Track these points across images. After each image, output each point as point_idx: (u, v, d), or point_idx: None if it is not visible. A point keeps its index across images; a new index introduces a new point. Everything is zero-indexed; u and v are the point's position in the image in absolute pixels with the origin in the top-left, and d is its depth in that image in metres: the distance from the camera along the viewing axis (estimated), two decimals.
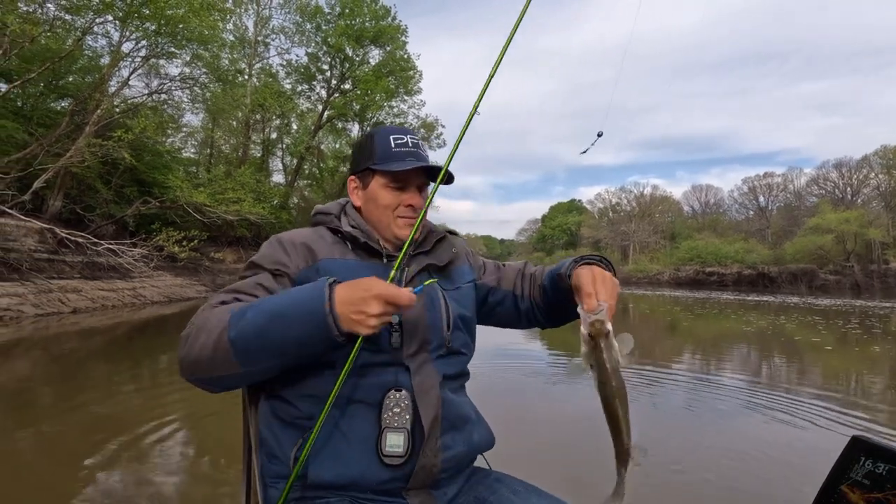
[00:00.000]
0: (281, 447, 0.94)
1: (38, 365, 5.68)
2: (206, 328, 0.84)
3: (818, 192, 49.02)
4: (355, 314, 0.78)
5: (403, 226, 1.05)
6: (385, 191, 1.05)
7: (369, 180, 1.07)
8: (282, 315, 0.80)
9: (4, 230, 10.88)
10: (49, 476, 2.74)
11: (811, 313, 14.99)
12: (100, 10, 12.44)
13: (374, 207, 1.06)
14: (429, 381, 0.96)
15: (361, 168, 1.09)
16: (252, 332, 0.80)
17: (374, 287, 0.79)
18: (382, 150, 1.05)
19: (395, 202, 1.05)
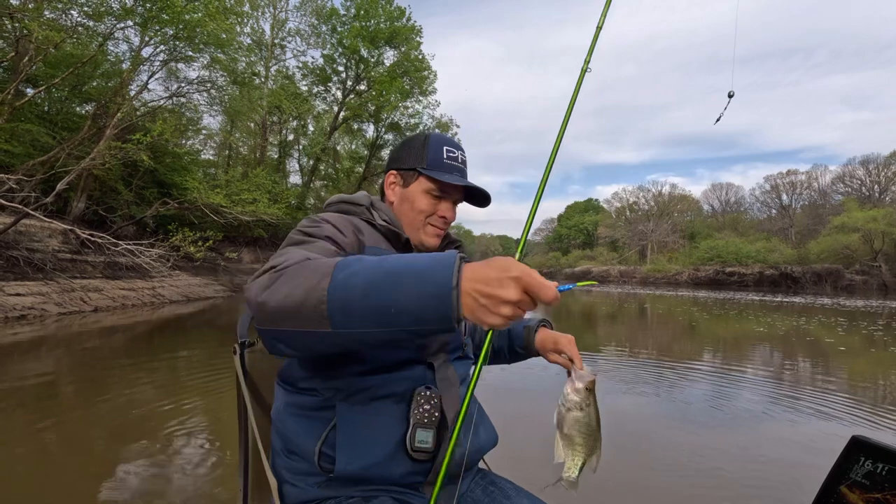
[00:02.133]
0: (302, 442, 0.93)
1: (61, 362, 5.83)
2: (301, 272, 0.71)
3: (844, 189, 47.75)
4: (485, 297, 0.63)
5: (431, 234, 1.08)
6: (425, 196, 1.07)
7: (412, 181, 1.08)
8: (398, 275, 0.66)
9: (29, 231, 11.23)
10: (72, 469, 2.82)
11: (836, 314, 14.58)
12: (121, 16, 12.73)
13: (408, 208, 1.08)
14: (450, 380, 0.99)
15: (407, 167, 1.09)
16: (359, 286, 0.66)
17: (512, 267, 0.63)
18: (434, 158, 1.06)
19: (431, 210, 1.07)
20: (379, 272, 0.67)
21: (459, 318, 0.64)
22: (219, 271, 18.60)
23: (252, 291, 0.74)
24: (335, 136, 29.66)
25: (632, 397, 4.66)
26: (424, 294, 0.64)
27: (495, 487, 1.04)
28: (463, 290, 0.63)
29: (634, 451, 3.23)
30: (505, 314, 0.62)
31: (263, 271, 0.76)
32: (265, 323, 0.73)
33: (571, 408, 0.97)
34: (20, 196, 9.74)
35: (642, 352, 7.41)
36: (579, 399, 0.97)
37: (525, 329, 1.23)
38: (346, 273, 0.68)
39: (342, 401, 0.92)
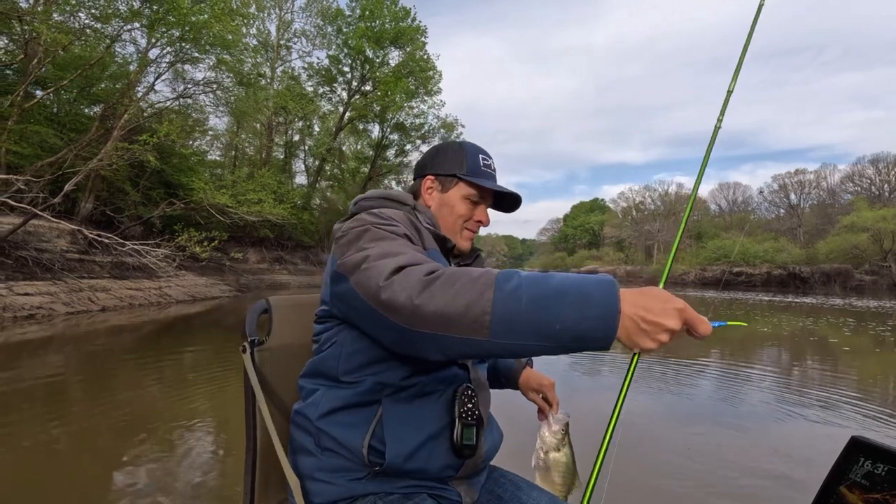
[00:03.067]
0: (346, 437, 0.92)
1: (70, 361, 5.89)
2: (459, 280, 0.72)
3: (853, 189, 47.29)
4: (648, 324, 0.68)
5: (467, 238, 1.14)
6: (464, 201, 1.12)
7: (450, 186, 1.13)
8: (565, 293, 0.68)
9: (38, 232, 11.34)
10: (80, 466, 2.87)
11: (845, 315, 14.44)
12: (128, 18, 12.83)
13: (447, 213, 1.12)
14: (481, 380, 1.05)
15: (446, 172, 1.13)
16: (526, 299, 0.68)
17: (674, 299, 0.70)
18: (472, 165, 1.12)
19: (469, 214, 1.12)
20: (546, 289, 0.69)
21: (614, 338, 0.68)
22: (225, 271, 18.70)
23: (401, 294, 0.74)
24: (341, 137, 29.75)
25: (634, 395, 4.63)
26: (589, 315, 0.67)
27: (506, 480, 1.11)
28: (624, 313, 0.67)
29: (635, 450, 3.22)
30: (662, 340, 0.69)
31: (397, 268, 0.77)
32: (415, 324, 0.73)
33: (549, 449, 1.03)
34: (29, 197, 9.84)
35: (652, 354, 7.35)
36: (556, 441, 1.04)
37: (516, 365, 1.33)
38: (512, 286, 0.70)
39: (388, 396, 0.93)
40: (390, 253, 0.83)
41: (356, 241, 0.90)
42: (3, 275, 9.44)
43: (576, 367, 6.22)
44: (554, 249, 78.66)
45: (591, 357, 6.81)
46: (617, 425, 0.89)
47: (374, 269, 0.79)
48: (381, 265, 0.79)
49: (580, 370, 6.06)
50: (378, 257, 0.82)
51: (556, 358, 6.88)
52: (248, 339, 1.15)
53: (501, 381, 1.35)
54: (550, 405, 1.16)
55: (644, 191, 62.29)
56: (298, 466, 0.97)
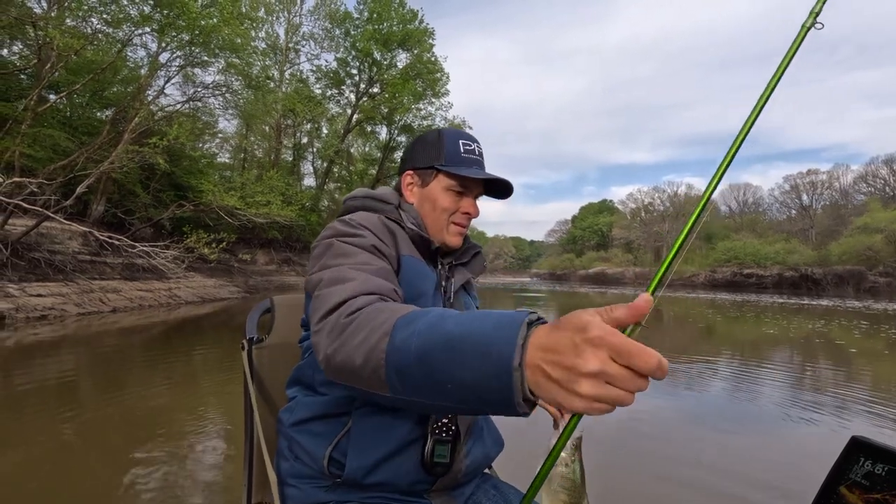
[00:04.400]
0: (311, 446, 0.92)
1: (81, 361, 5.96)
2: (371, 325, 0.65)
3: (867, 189, 46.68)
4: (558, 370, 0.47)
5: (455, 233, 1.05)
6: (446, 194, 1.03)
7: (430, 179, 1.05)
8: (455, 342, 0.55)
9: (50, 233, 11.50)
10: (91, 464, 2.89)
11: (858, 317, 14.22)
12: (139, 23, 13.01)
13: (430, 208, 1.04)
14: None
15: (424, 165, 1.05)
16: (415, 350, 0.57)
17: (591, 325, 0.46)
18: (451, 153, 1.03)
19: (454, 207, 1.03)
20: (437, 336, 0.56)
21: (530, 400, 0.51)
22: (233, 273, 18.85)
23: (323, 340, 0.70)
24: (348, 139, 29.91)
25: (641, 396, 4.60)
26: (484, 373, 0.51)
27: (497, 492, 1.04)
28: (530, 364, 0.49)
29: (638, 452, 3.20)
30: (586, 393, 0.45)
31: (330, 309, 0.72)
32: (332, 375, 0.69)
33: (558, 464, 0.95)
34: (42, 199, 9.99)
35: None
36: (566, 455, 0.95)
37: None
38: (405, 334, 0.59)
39: (358, 409, 0.91)
40: (340, 279, 0.78)
41: (319, 258, 0.88)
42: (16, 276, 9.59)
43: None
44: (562, 251, 78.35)
45: None
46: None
47: (320, 300, 0.76)
48: (326, 298, 0.75)
49: None
50: (328, 284, 0.78)
51: None
52: (246, 337, 1.15)
53: None
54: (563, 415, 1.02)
55: (653, 192, 61.98)
56: (279, 469, 1.00)
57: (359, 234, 0.90)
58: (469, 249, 1.13)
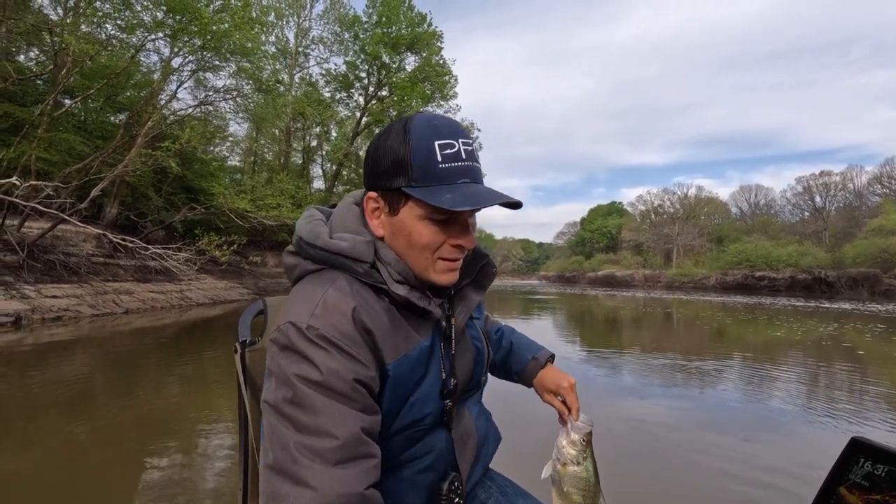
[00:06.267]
0: None
1: (95, 362, 6.05)
2: None
3: (881, 191, 45.92)
4: None
5: (444, 271, 0.77)
6: (423, 225, 0.74)
7: (400, 205, 0.75)
8: None
9: (65, 236, 11.69)
10: (103, 464, 2.94)
11: (875, 321, 14.00)
12: (152, 29, 13.21)
13: (405, 244, 0.76)
14: (467, 430, 0.91)
15: (388, 186, 0.75)
16: None
17: None
18: (423, 164, 0.71)
19: (437, 241, 0.75)
20: None
21: None
22: (244, 275, 19.01)
23: None
24: (358, 142, 30.03)
25: (648, 398, 4.57)
26: None
27: (493, 483, 1.02)
28: None
29: (640, 454, 3.18)
30: None
31: None
32: None
33: (567, 462, 0.90)
34: (57, 202, 10.16)
35: (665, 356, 7.25)
36: (576, 452, 0.90)
37: (532, 361, 1.09)
38: None
39: None
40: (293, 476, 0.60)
41: (275, 382, 0.67)
42: (32, 277, 9.75)
43: (594, 365, 6.15)
44: (571, 253, 78.00)
45: (606, 356, 6.73)
46: None
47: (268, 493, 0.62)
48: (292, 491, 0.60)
49: (600, 371, 6.00)
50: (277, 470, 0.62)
51: (570, 355, 6.83)
52: (239, 340, 1.16)
53: (514, 378, 1.15)
54: (570, 410, 0.96)
55: (663, 194, 61.47)
56: None
57: (326, 367, 0.65)
58: (473, 263, 0.90)
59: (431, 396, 0.79)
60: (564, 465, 0.89)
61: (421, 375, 0.78)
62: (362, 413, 0.67)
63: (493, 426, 1.05)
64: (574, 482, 0.89)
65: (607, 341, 9.29)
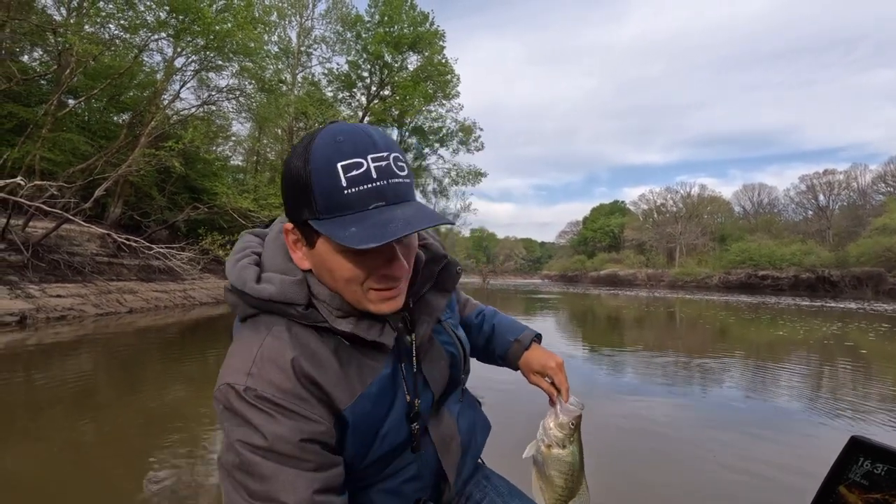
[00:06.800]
0: None
1: (99, 361, 6.07)
2: None
3: (886, 189, 45.71)
4: None
5: (380, 301, 0.70)
6: (342, 259, 0.66)
7: (314, 238, 0.68)
8: None
9: (69, 236, 11.73)
10: (107, 463, 2.95)
11: (881, 320, 13.94)
12: (155, 29, 13.23)
13: (331, 280, 0.70)
14: (448, 433, 0.88)
15: (297, 218, 0.68)
16: None
17: None
18: (325, 191, 0.62)
19: (362, 274, 0.67)
20: None
21: None
22: None
23: None
24: None
25: (655, 398, 4.56)
26: None
27: (488, 483, 1.00)
28: None
29: (641, 451, 3.18)
30: None
31: None
32: None
33: (552, 444, 0.86)
34: (61, 202, 10.20)
35: (668, 355, 7.24)
36: (563, 435, 0.86)
37: (514, 343, 1.04)
38: None
39: None
40: None
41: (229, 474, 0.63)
42: (36, 277, 9.79)
43: (597, 363, 6.15)
44: (573, 252, 77.87)
45: (609, 354, 6.72)
46: None
47: None
48: None
49: (603, 369, 5.99)
50: None
51: (573, 353, 6.83)
52: None
53: (498, 362, 1.11)
54: (559, 391, 0.92)
55: (665, 193, 61.35)
56: None
57: (270, 432, 0.62)
58: (431, 266, 0.84)
59: (401, 423, 0.76)
60: (549, 447, 0.86)
61: (388, 405, 0.75)
62: (316, 472, 0.64)
63: (480, 415, 1.02)
64: (558, 465, 0.85)
65: (610, 340, 9.28)
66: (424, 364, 0.80)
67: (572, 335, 10.09)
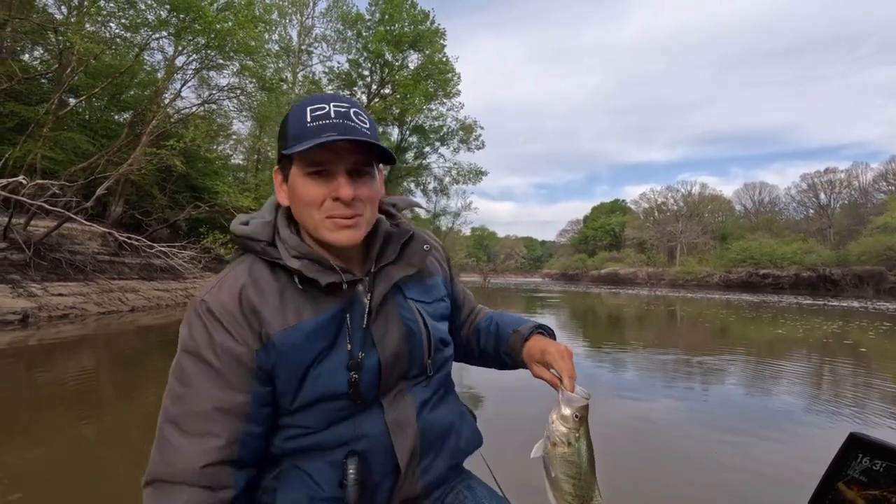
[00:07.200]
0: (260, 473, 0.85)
1: (101, 360, 6.09)
2: None
3: (887, 188, 45.66)
4: None
5: (335, 228, 0.80)
6: (305, 182, 0.79)
7: (288, 171, 0.82)
8: None
9: (71, 234, 11.75)
10: (109, 462, 2.97)
11: (882, 318, 13.93)
12: (156, 27, 13.24)
13: (298, 206, 0.82)
14: (405, 416, 0.87)
15: (280, 157, 0.83)
16: None
17: None
18: (296, 129, 0.78)
19: (320, 195, 0.79)
20: None
21: None
22: None
23: None
24: None
25: (658, 397, 4.57)
26: None
27: (470, 493, 0.95)
28: None
29: (642, 450, 3.19)
30: None
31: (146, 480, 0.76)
32: None
33: (557, 441, 0.78)
34: (63, 201, 10.21)
35: (669, 353, 7.25)
36: (566, 430, 0.78)
37: (513, 334, 1.02)
38: None
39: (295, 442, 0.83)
40: (164, 440, 0.75)
41: (172, 371, 0.79)
42: (38, 276, 9.81)
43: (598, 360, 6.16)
44: (574, 251, 77.85)
45: (610, 352, 6.73)
46: None
47: (155, 445, 0.77)
48: (154, 453, 0.76)
49: (605, 367, 6.00)
50: (160, 428, 0.77)
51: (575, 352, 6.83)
52: None
53: (505, 360, 1.06)
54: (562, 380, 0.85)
55: (666, 191, 61.29)
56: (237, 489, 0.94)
57: (203, 339, 0.77)
58: (394, 242, 0.91)
59: (339, 369, 0.81)
60: (554, 444, 0.78)
61: (322, 348, 0.81)
62: (227, 389, 0.75)
63: (466, 423, 0.99)
64: (563, 466, 0.77)
65: (611, 338, 9.29)
66: (376, 324, 0.86)
67: (573, 333, 10.10)
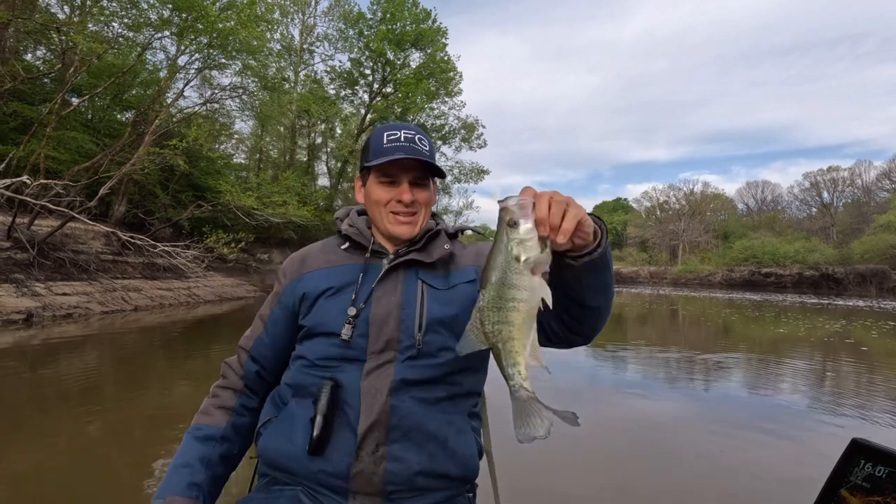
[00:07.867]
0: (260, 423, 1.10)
1: (105, 359, 6.11)
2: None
3: (890, 186, 45.45)
4: None
5: (395, 222, 1.07)
6: (378, 187, 1.07)
7: (367, 178, 1.10)
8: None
9: (74, 234, 11.79)
10: (113, 460, 2.98)
11: (885, 317, 13.89)
12: (158, 27, 13.25)
13: (371, 205, 1.10)
14: (379, 384, 0.95)
15: (361, 168, 1.12)
16: None
17: None
18: (375, 148, 1.06)
19: (387, 197, 1.06)
20: None
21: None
22: (250, 272, 19.08)
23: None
24: (362, 139, 30.03)
25: (658, 396, 4.57)
26: None
27: None
28: None
29: (645, 450, 3.19)
30: None
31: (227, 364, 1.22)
32: None
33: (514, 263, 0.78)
34: (66, 200, 10.24)
35: (671, 352, 7.24)
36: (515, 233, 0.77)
37: None
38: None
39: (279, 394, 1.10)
40: (241, 341, 1.19)
41: None
42: (42, 275, 9.85)
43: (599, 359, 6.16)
44: None
45: (612, 351, 6.73)
46: None
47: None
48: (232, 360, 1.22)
49: (606, 366, 6.00)
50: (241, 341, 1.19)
51: (576, 351, 6.84)
52: None
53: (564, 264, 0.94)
54: None
55: (668, 190, 61.10)
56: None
57: (276, 282, 1.18)
58: (426, 235, 1.12)
59: (341, 310, 1.02)
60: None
61: (334, 286, 1.05)
62: (266, 307, 1.16)
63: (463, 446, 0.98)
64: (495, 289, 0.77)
65: (613, 337, 9.28)
66: (381, 287, 1.05)
67: None
